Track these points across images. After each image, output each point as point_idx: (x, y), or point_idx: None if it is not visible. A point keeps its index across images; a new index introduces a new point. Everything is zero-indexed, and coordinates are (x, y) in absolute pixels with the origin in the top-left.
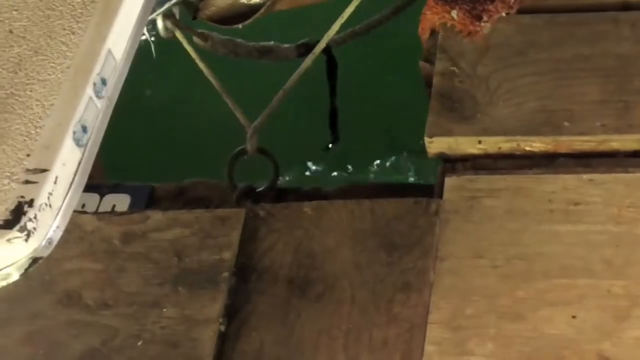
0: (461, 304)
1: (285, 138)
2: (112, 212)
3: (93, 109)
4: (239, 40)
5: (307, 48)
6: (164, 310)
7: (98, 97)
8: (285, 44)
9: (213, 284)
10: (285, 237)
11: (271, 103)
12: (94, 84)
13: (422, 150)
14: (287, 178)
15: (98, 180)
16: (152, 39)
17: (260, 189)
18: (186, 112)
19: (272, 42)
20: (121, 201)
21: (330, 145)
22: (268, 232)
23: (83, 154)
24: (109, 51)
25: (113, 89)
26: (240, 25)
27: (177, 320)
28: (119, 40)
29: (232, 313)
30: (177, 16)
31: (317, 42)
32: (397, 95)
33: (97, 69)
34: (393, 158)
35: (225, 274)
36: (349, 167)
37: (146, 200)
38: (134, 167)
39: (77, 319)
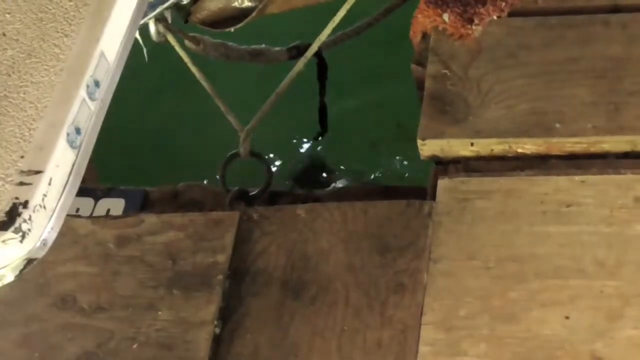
0: (454, 305)
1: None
2: (107, 215)
3: (86, 110)
4: (230, 43)
5: (299, 51)
6: (159, 313)
7: (91, 99)
8: (276, 47)
9: (207, 286)
10: (279, 239)
11: (263, 106)
12: (87, 86)
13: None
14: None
15: (91, 184)
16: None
17: (253, 192)
18: (179, 115)
19: (263, 45)
20: (115, 205)
21: (320, 137)
22: (262, 235)
23: (77, 156)
24: (102, 53)
25: (106, 91)
26: (232, 29)
27: (172, 322)
28: (112, 42)
29: (227, 315)
30: (169, 20)
31: (308, 44)
32: (390, 96)
33: (90, 71)
34: (390, 159)
35: (220, 277)
36: (342, 167)
37: (140, 204)
38: (127, 171)
39: (72, 322)
